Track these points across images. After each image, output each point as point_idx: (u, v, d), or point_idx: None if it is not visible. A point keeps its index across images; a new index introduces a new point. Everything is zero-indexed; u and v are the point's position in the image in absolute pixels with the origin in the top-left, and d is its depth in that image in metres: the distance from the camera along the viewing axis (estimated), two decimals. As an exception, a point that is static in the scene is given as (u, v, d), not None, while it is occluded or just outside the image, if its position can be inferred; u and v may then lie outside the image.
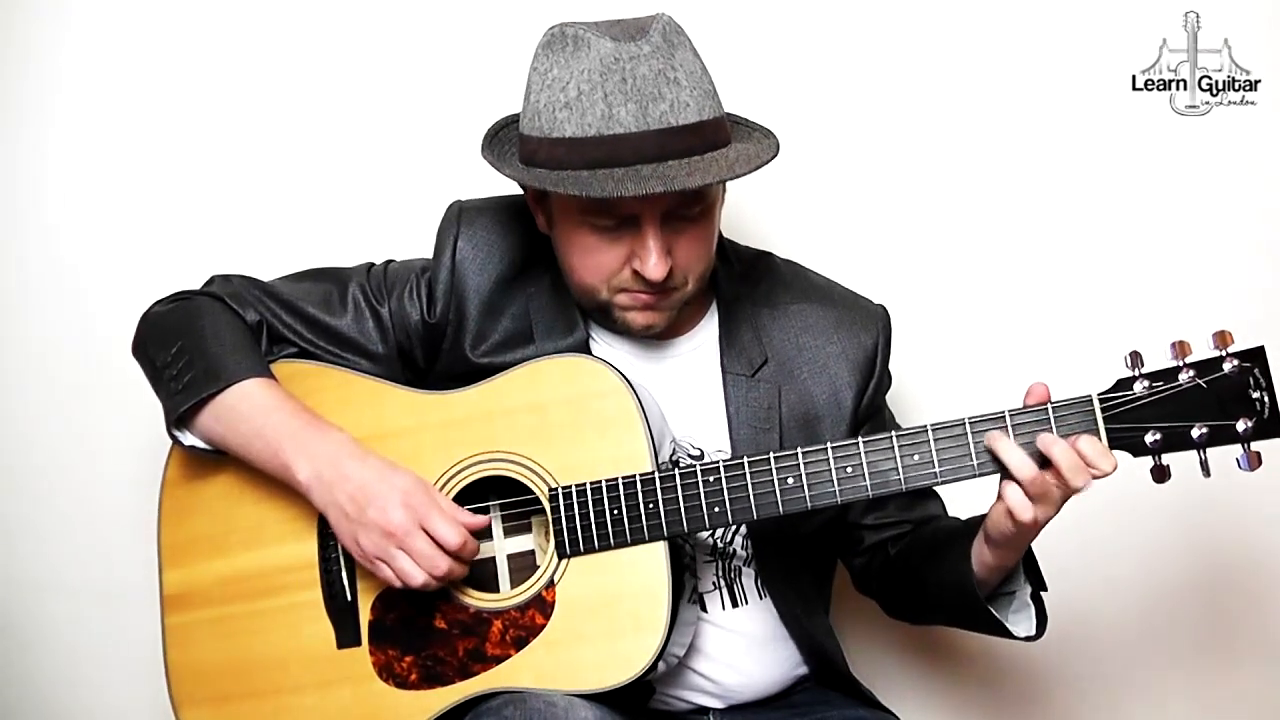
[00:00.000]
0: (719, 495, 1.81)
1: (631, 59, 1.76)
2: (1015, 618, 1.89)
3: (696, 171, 1.76)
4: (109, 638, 2.49)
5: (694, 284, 1.90)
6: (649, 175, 1.74)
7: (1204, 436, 1.68)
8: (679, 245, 1.85)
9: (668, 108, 1.77)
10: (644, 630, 1.80)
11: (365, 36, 2.44)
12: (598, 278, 1.88)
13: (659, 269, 1.82)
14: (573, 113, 1.78)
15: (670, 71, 1.78)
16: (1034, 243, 2.48)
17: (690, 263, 1.88)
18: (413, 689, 1.87)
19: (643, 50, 1.77)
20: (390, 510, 1.78)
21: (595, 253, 1.86)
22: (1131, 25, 2.45)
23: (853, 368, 2.03)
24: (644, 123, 1.76)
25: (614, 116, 1.76)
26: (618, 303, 1.90)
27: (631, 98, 1.76)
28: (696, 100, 1.79)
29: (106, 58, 2.44)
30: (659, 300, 1.89)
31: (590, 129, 1.77)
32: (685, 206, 1.82)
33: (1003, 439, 1.71)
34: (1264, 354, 1.68)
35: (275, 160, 2.45)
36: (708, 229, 1.89)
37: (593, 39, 1.78)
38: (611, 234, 1.84)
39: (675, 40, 1.81)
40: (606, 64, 1.76)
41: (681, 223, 1.84)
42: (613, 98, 1.76)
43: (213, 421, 1.91)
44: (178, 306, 2.02)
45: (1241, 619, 2.55)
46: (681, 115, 1.78)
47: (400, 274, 2.05)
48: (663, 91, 1.77)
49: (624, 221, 1.82)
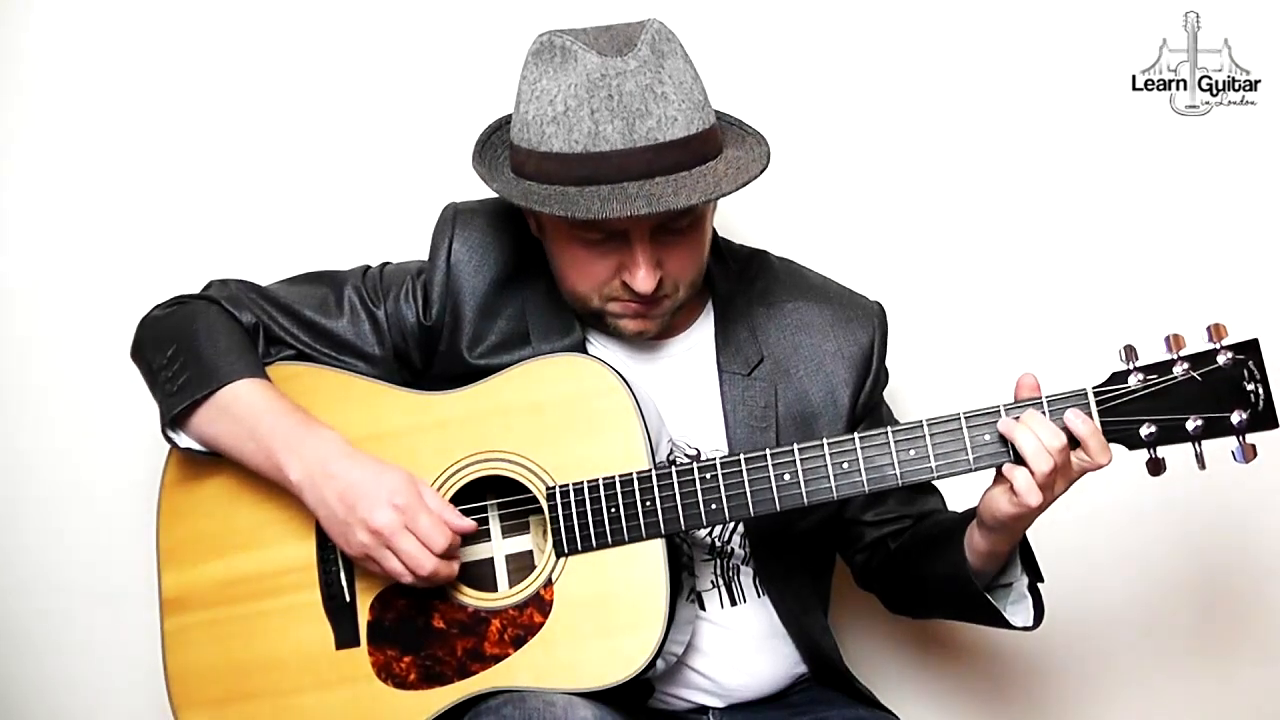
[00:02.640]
0: (716, 493, 1.81)
1: (618, 74, 1.76)
2: (1013, 608, 1.90)
3: (683, 190, 1.76)
4: (109, 638, 2.49)
5: (685, 291, 1.91)
6: (635, 194, 1.74)
7: (1199, 429, 1.69)
8: (669, 257, 1.86)
9: (655, 124, 1.77)
10: (642, 628, 1.80)
11: (360, 40, 2.44)
12: (588, 287, 1.89)
13: (648, 282, 1.83)
14: (560, 128, 1.78)
15: (658, 86, 1.78)
16: (1033, 241, 2.48)
17: (681, 272, 1.88)
18: (412, 689, 1.88)
19: (629, 66, 1.76)
20: (376, 510, 1.79)
21: (585, 264, 1.87)
22: (1131, 25, 2.45)
23: (849, 365, 2.03)
24: (630, 140, 1.76)
25: (600, 133, 1.76)
26: (610, 310, 1.91)
27: (618, 114, 1.76)
28: (684, 114, 1.79)
29: (104, 60, 2.44)
30: (650, 309, 1.89)
31: (577, 145, 1.77)
32: (674, 220, 1.82)
33: (1020, 427, 1.71)
34: (1258, 346, 1.68)
35: (271, 164, 2.46)
36: (698, 239, 1.89)
37: (580, 52, 1.77)
38: (601, 247, 1.84)
39: (665, 50, 1.80)
40: (593, 79, 1.76)
41: (671, 235, 1.84)
42: (599, 114, 1.76)
43: (206, 423, 1.92)
44: (175, 310, 2.03)
45: (1238, 610, 2.54)
46: (669, 131, 1.78)
47: (396, 276, 2.05)
48: (649, 108, 1.77)
49: (612, 236, 1.83)
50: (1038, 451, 1.69)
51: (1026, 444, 1.70)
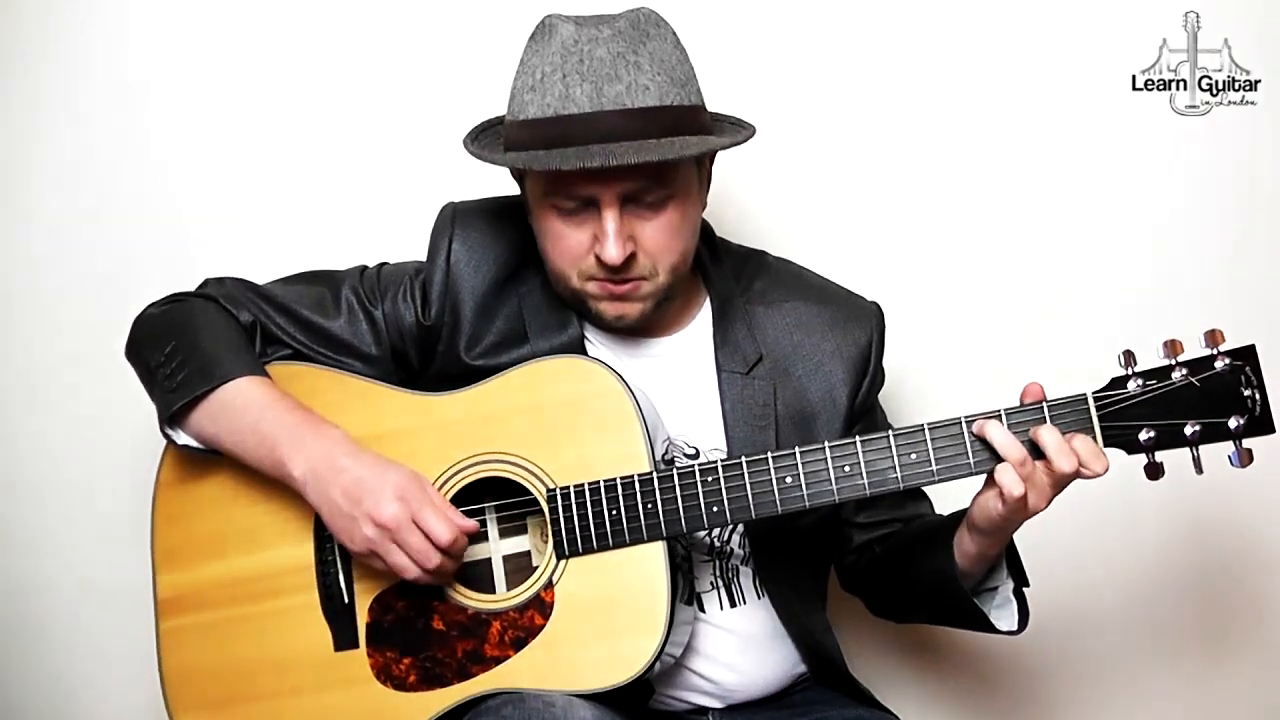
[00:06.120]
0: (717, 495, 1.81)
1: (590, 41, 1.80)
2: (998, 612, 1.90)
3: (644, 151, 1.77)
4: (109, 638, 2.49)
5: (666, 276, 1.90)
6: (596, 152, 1.76)
7: (1197, 434, 1.70)
8: (643, 231, 1.86)
9: (624, 89, 1.79)
10: (643, 631, 1.80)
11: (359, 39, 2.44)
12: (566, 263, 1.89)
13: (615, 249, 1.83)
14: (535, 95, 1.81)
15: (631, 55, 1.80)
16: (1032, 242, 2.47)
17: (657, 251, 1.87)
18: (411, 691, 1.88)
19: (603, 34, 1.80)
20: (383, 504, 1.79)
21: (562, 238, 1.88)
22: (1131, 25, 2.45)
23: (848, 365, 2.03)
24: (598, 103, 1.78)
25: (570, 96, 1.79)
26: (588, 291, 1.90)
27: (587, 78, 1.79)
28: (659, 85, 1.81)
29: (102, 60, 2.44)
30: (628, 290, 1.89)
31: (549, 109, 1.80)
32: (646, 191, 1.83)
33: (991, 422, 1.73)
34: (1255, 352, 1.70)
35: (269, 163, 2.46)
36: (676, 218, 1.88)
37: (560, 25, 1.82)
38: (575, 217, 1.85)
39: (650, 31, 1.83)
40: (567, 46, 1.80)
41: (644, 209, 1.85)
42: (570, 79, 1.79)
43: (207, 419, 1.92)
44: (172, 308, 2.03)
45: (1235, 615, 2.55)
46: (639, 98, 1.79)
47: (394, 276, 2.05)
48: (619, 73, 1.79)
49: (585, 204, 1.84)
50: (1008, 440, 1.72)
51: (996, 434, 1.73)
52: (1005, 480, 1.71)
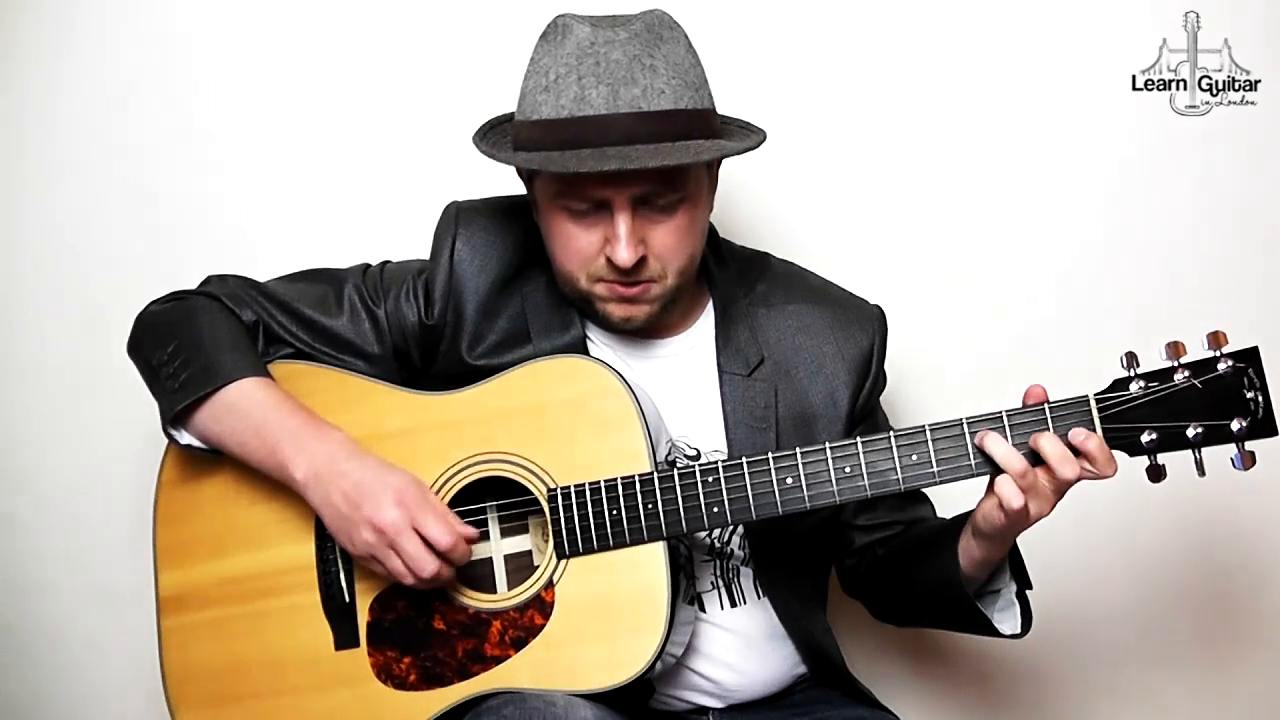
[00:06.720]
0: (718, 496, 1.81)
1: (607, 43, 1.79)
2: (1000, 615, 1.91)
3: (660, 155, 1.77)
4: (109, 638, 2.49)
5: (674, 279, 1.90)
6: (612, 155, 1.76)
7: (1199, 436, 1.70)
8: (654, 234, 1.85)
9: (639, 92, 1.78)
10: (643, 631, 1.80)
11: (363, 37, 2.44)
12: (576, 264, 1.89)
13: (627, 253, 1.82)
14: (549, 95, 1.80)
15: (647, 58, 1.79)
16: (1032, 243, 2.47)
17: (667, 254, 1.87)
18: (411, 690, 1.88)
19: (619, 36, 1.79)
20: (383, 508, 1.79)
21: (572, 239, 1.87)
22: (1131, 25, 2.45)
23: (849, 368, 2.03)
24: (614, 105, 1.78)
25: (585, 98, 1.78)
26: (596, 293, 1.90)
27: (603, 80, 1.78)
28: (673, 88, 1.80)
29: (105, 59, 2.44)
30: (637, 293, 1.89)
31: (564, 110, 1.79)
32: (658, 195, 1.83)
33: (992, 435, 1.73)
34: (1258, 354, 1.70)
35: (272, 161, 2.46)
36: (686, 222, 1.88)
37: (575, 25, 1.81)
38: (586, 219, 1.85)
39: (665, 34, 1.82)
40: (583, 48, 1.79)
41: (656, 212, 1.85)
42: (585, 80, 1.78)
43: (210, 420, 1.91)
44: (174, 306, 2.03)
45: (1237, 617, 2.55)
46: (654, 101, 1.79)
47: (397, 275, 2.05)
48: (636, 76, 1.78)
49: (597, 206, 1.83)
50: (1009, 453, 1.72)
51: (996, 449, 1.72)
52: (1005, 493, 1.71)
